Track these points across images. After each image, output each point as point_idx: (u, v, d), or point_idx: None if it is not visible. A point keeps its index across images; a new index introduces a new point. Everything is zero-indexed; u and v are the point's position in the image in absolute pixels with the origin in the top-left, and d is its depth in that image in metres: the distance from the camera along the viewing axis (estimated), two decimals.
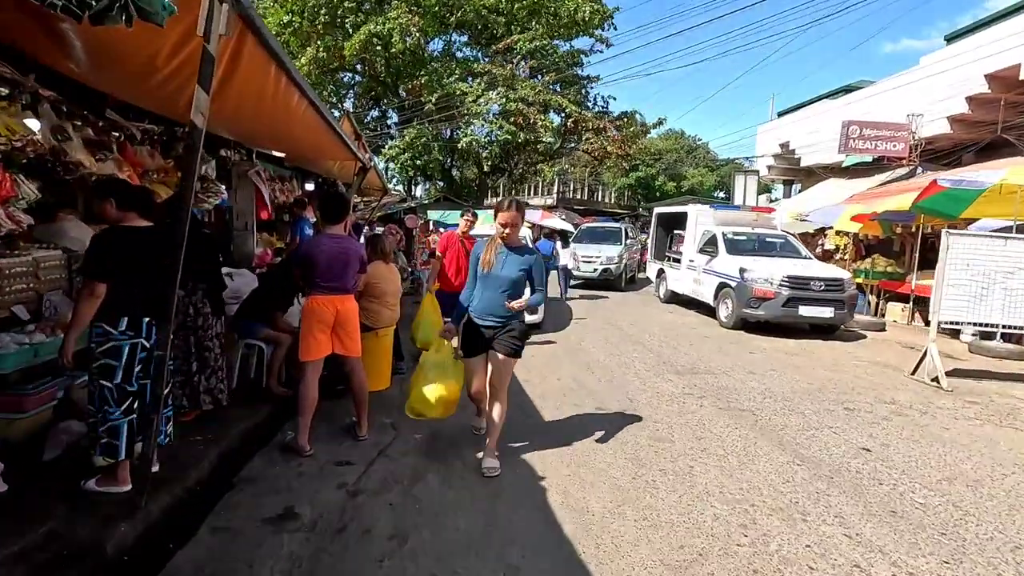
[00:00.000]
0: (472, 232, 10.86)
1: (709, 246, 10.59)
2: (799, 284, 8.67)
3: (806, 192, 20.47)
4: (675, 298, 12.35)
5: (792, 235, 11.30)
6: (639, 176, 38.31)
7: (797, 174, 23.42)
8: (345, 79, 25.96)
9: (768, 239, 10.63)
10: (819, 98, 21.85)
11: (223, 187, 5.45)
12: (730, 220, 11.14)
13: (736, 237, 10.44)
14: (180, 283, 4.05)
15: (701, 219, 11.31)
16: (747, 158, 25.92)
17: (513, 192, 37.68)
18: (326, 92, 24.49)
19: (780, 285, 8.68)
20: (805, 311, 8.57)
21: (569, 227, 24.48)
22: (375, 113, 27.09)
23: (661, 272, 12.93)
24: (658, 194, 39.41)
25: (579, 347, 7.69)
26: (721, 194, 42.82)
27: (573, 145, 27.40)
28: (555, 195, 38.58)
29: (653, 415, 4.89)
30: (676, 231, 13.57)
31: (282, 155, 6.49)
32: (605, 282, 14.72)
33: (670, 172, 40.19)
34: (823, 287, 8.66)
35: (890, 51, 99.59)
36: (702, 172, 41.19)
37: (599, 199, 42.62)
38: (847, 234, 13.80)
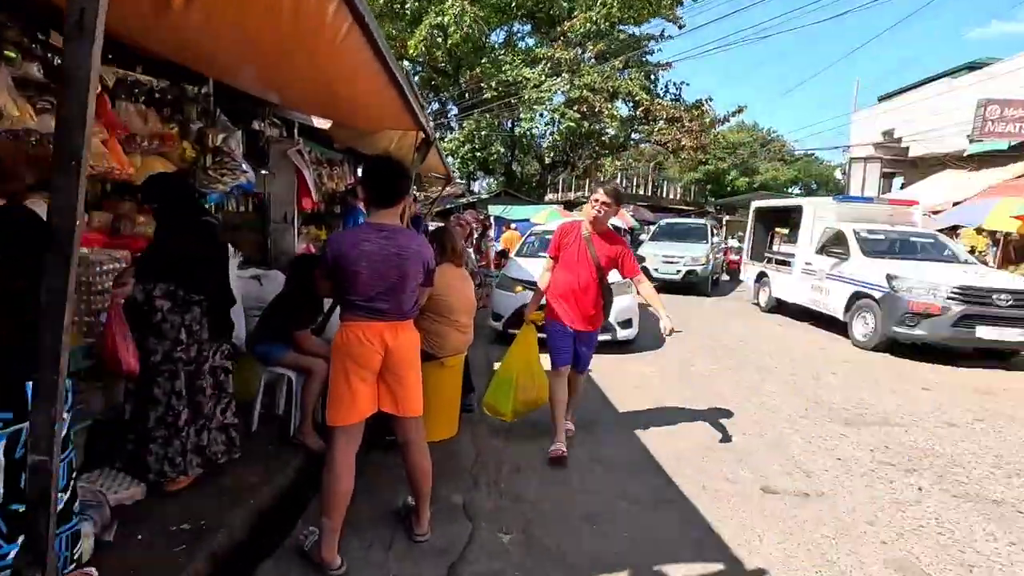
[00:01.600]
0: (541, 228, 9.30)
1: (835, 246, 8.61)
2: (976, 297, 6.64)
3: (916, 186, 17.75)
4: (780, 307, 10.39)
5: (940, 234, 9.13)
6: (708, 170, 35.70)
7: (900, 166, 20.57)
8: (405, 69, 24.96)
9: (912, 238, 8.54)
10: (932, 78, 18.97)
11: (245, 164, 4.11)
12: (859, 215, 9.10)
13: (872, 236, 8.41)
14: (171, 296, 2.55)
15: (821, 214, 9.31)
16: (839, 149, 23.12)
17: (575, 187, 35.94)
18: None
19: (949, 298, 6.67)
20: (986, 332, 6.53)
21: (635, 224, 22.60)
22: (435, 106, 25.95)
23: (762, 276, 10.96)
24: (728, 189, 36.66)
25: (690, 374, 5.99)
26: (796, 190, 39.59)
27: (640, 136, 25.43)
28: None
29: (863, 512, 3.15)
30: (777, 228, 11.56)
31: (326, 125, 5.11)
32: (688, 285, 12.84)
33: (743, 166, 37.31)
34: (1010, 302, 6.58)
35: (979, 36, 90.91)
36: (776, 166, 38.06)
37: (663, 195, 40.22)
38: (989, 233, 11.42)
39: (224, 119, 4.24)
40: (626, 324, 6.62)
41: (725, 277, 16.29)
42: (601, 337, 6.45)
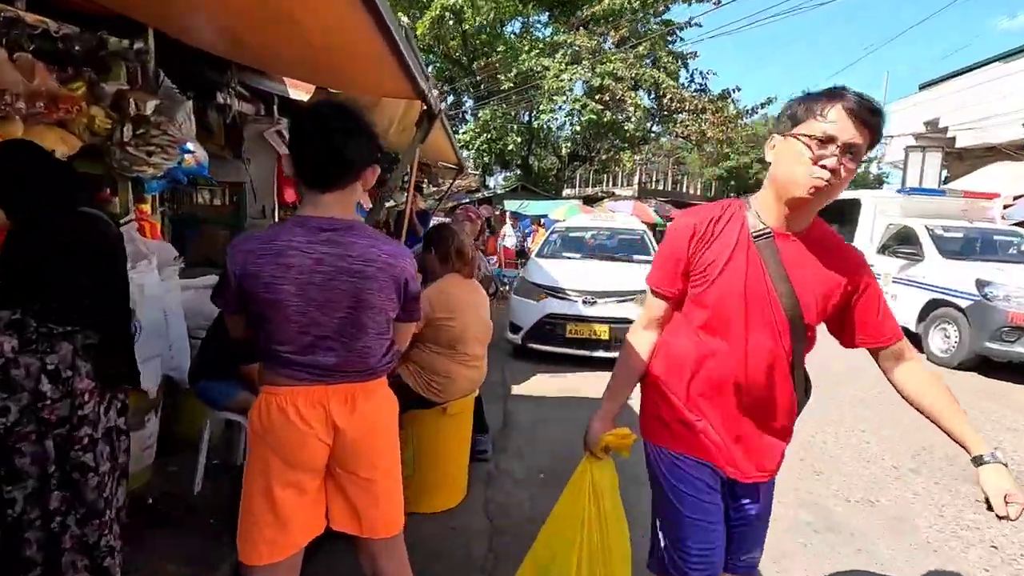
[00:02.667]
0: (563, 225, 8.23)
1: (903, 246, 7.44)
2: None
3: (964, 179, 16.33)
4: None
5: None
6: (731, 165, 34.24)
7: (945, 158, 19.10)
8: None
9: (995, 237, 7.34)
10: (982, 63, 17.50)
11: (193, 144, 3.13)
12: (928, 210, 7.90)
13: (949, 234, 7.22)
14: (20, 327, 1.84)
15: (883, 209, 8.14)
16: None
17: (592, 182, 34.76)
18: None
19: None
20: None
21: (658, 220, 21.40)
22: (451, 99, 24.94)
23: None
24: (751, 183, 35.16)
25: None
26: None
27: (662, 128, 24.18)
28: (636, 185, 35.30)
29: None
30: None
31: (305, 96, 4.10)
32: None
33: (766, 161, 35.71)
34: None
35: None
36: None
37: (683, 190, 38.88)
38: None
39: (170, 85, 3.26)
40: None
41: None
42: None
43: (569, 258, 6.62)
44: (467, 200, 21.72)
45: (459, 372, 2.57)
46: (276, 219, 4.74)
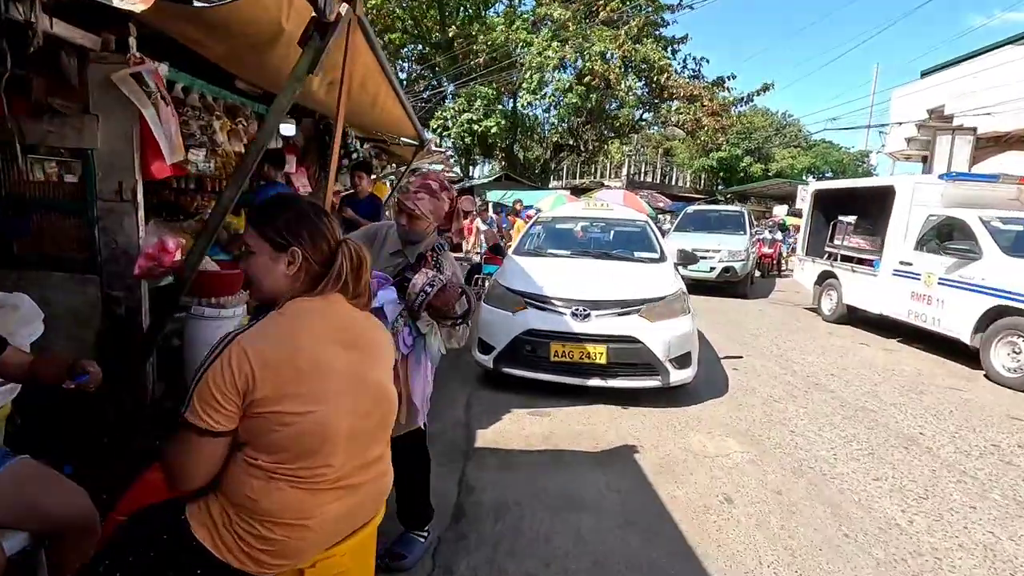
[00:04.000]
0: (548, 214, 6.84)
1: (951, 240, 6.19)
2: None
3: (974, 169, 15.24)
4: (851, 316, 7.98)
5: None
6: (721, 157, 33.06)
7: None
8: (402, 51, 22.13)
9: None
10: (991, 47, 16.37)
11: None
12: (975, 199, 6.65)
13: (1008, 227, 5.98)
14: None
15: (922, 197, 6.87)
16: (879, 129, 20.51)
17: (580, 173, 33.42)
18: None
19: None
20: None
21: (650, 211, 20.13)
22: (431, 83, 23.32)
23: (827, 277, 8.53)
24: (742, 176, 34.06)
25: (806, 460, 3.59)
26: (811, 178, 37.02)
27: (654, 116, 22.87)
28: (624, 177, 34.05)
29: None
30: (841, 217, 9.11)
31: (137, 6, 2.66)
32: (722, 286, 10.43)
33: (758, 153, 34.62)
34: None
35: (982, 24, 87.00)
36: (793, 153, 35.33)
37: (672, 182, 37.74)
38: None
39: None
40: (683, 361, 4.21)
41: (756, 273, 13.86)
42: (643, 383, 4.19)
43: (555, 256, 5.24)
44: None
45: (318, 508, 1.21)
46: (139, 203, 3.32)
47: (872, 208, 7.84)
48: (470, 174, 25.78)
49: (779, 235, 15.75)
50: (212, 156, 4.30)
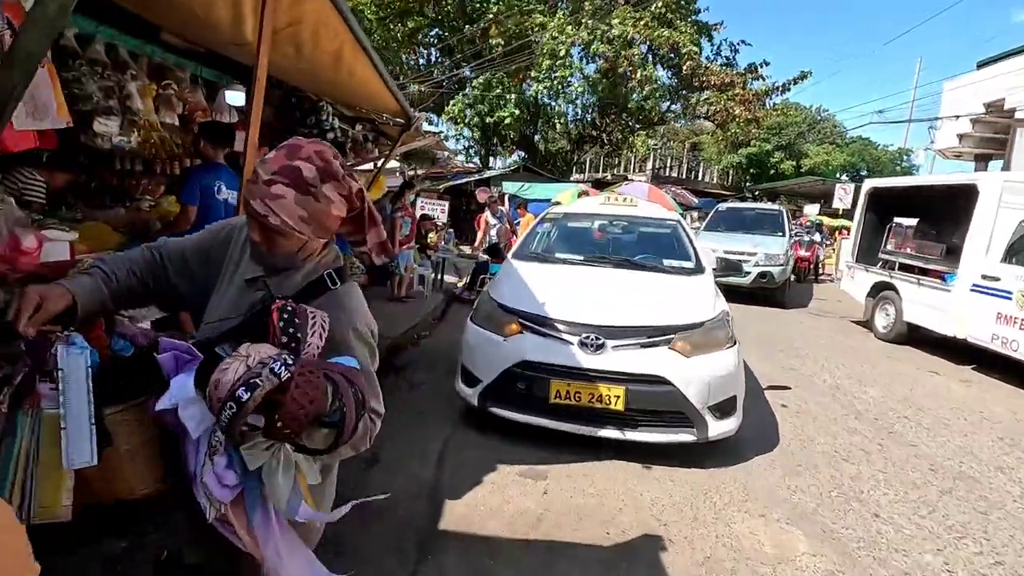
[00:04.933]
0: (560, 210, 5.77)
1: None
2: None
3: None
4: (911, 335, 6.80)
5: None
6: (751, 152, 31.42)
7: (1000, 146, 16.40)
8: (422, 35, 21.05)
9: None
10: None
11: None
12: None
13: None
14: None
15: (1012, 199, 5.66)
16: (928, 124, 18.85)
17: (602, 167, 32.18)
18: (395, 44, 19.88)
19: None
20: None
21: (677, 208, 18.85)
22: (448, 68, 22.28)
23: (883, 288, 7.33)
24: (772, 172, 32.37)
25: (885, 547, 2.54)
26: (845, 176, 35.24)
27: (681, 107, 21.54)
28: (649, 172, 32.71)
29: None
30: (899, 220, 7.89)
31: None
32: (754, 292, 9.28)
33: (789, 149, 32.83)
34: None
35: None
36: (827, 149, 33.42)
37: (698, 178, 36.25)
38: None
39: None
40: (726, 408, 3.17)
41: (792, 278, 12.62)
42: (672, 437, 3.17)
43: (564, 263, 4.20)
44: (461, 182, 19.31)
45: None
46: None
47: (941, 210, 6.63)
48: (489, 165, 24.75)
49: (817, 236, 14.41)
50: (131, 128, 3.38)
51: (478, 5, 17.54)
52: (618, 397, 3.02)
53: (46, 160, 4.04)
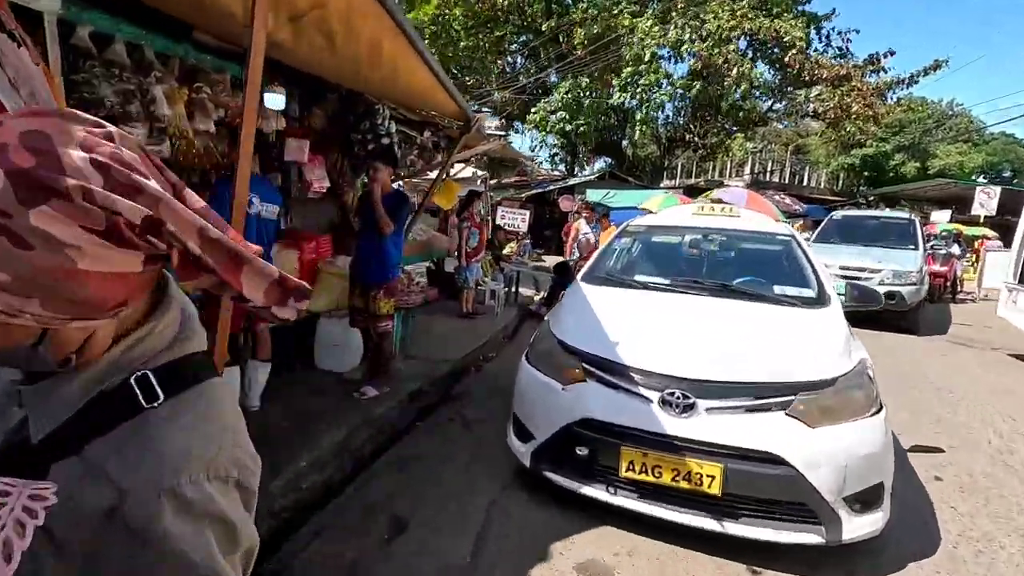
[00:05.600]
0: (643, 221, 4.92)
1: None
2: None
3: None
4: None
5: None
6: (866, 154, 28.25)
7: None
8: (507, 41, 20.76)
9: None
10: None
11: None
12: None
13: None
14: None
15: None
16: None
17: (695, 173, 30.44)
18: (480, 53, 19.76)
19: None
20: None
21: (781, 218, 17.07)
22: (533, 74, 21.81)
23: None
24: (891, 175, 28.93)
25: None
26: (983, 179, 30.86)
27: (786, 106, 19.70)
28: (747, 177, 30.42)
29: None
30: None
31: None
32: (878, 315, 7.80)
33: (913, 149, 29.17)
34: None
35: None
36: (962, 148, 29.33)
37: (802, 183, 33.30)
38: None
39: None
40: (868, 499, 2.27)
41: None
42: (790, 537, 2.30)
43: (645, 288, 3.41)
44: (546, 189, 18.72)
45: None
46: None
47: None
48: (574, 172, 24.00)
49: (955, 249, 12.30)
50: (162, 136, 3.07)
51: (564, 7, 16.92)
52: (713, 477, 2.23)
53: None
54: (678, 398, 2.32)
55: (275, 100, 3.52)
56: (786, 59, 15.48)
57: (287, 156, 4.10)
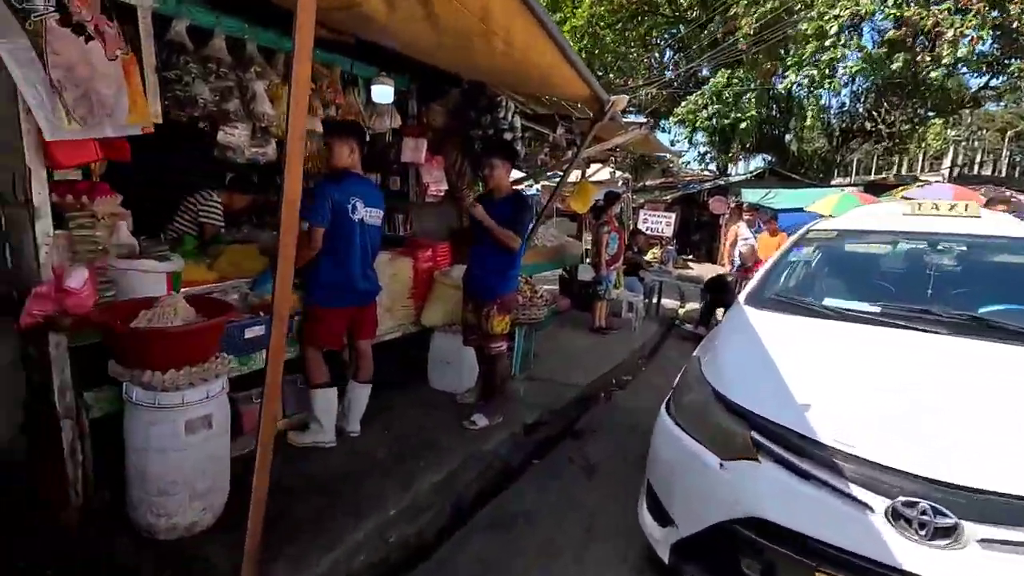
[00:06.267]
0: (832, 225, 3.72)
1: None
2: None
3: None
4: None
5: None
6: None
7: None
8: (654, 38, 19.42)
9: None
10: None
11: None
12: None
13: None
14: None
15: None
16: None
17: (875, 168, 26.23)
18: (625, 48, 18.77)
19: None
20: None
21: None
22: (685, 68, 20.15)
23: None
24: None
25: None
26: None
27: (1005, 80, 15.89)
28: (944, 170, 25.39)
29: None
30: None
31: None
32: None
33: None
34: None
35: None
36: None
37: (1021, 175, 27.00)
38: None
39: None
40: None
41: None
42: None
43: (844, 317, 2.38)
44: (692, 189, 17.14)
45: None
46: (36, 203, 1.92)
47: None
48: (727, 171, 21.81)
49: None
50: (267, 137, 2.84)
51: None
52: None
53: (229, 182, 3.89)
54: (926, 514, 1.41)
55: (383, 92, 3.16)
56: (1009, 17, 12.25)
57: (403, 157, 3.76)
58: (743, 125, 14.30)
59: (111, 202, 2.36)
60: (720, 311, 5.41)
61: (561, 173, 5.36)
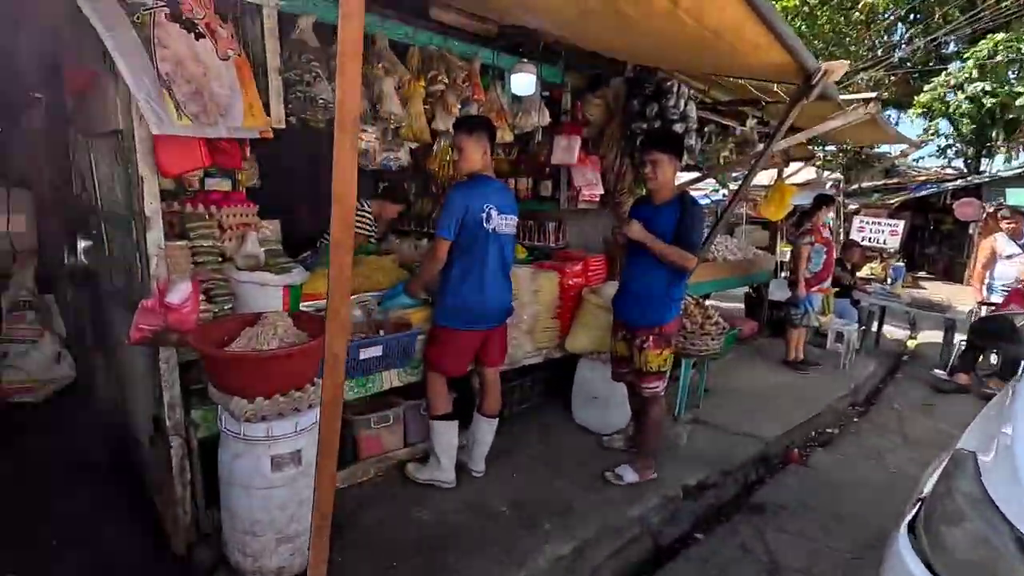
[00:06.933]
0: None
1: None
2: None
3: None
4: None
5: None
6: None
7: None
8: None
9: None
10: None
11: None
12: None
13: None
14: None
15: None
16: None
17: None
18: (844, 33, 15.99)
19: None
20: None
21: None
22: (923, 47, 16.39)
23: None
24: None
25: None
26: None
27: None
28: None
29: None
30: None
31: None
32: None
33: None
34: None
35: None
36: None
37: None
38: None
39: None
40: None
41: None
42: None
43: None
44: (936, 191, 13.75)
45: None
46: (148, 213, 1.85)
47: None
48: (980, 168, 17.21)
49: None
50: (397, 140, 2.61)
51: None
52: None
53: (381, 191, 3.83)
54: None
55: (524, 83, 2.72)
56: None
57: (553, 158, 3.29)
58: (1019, 102, 10.91)
59: (240, 212, 2.29)
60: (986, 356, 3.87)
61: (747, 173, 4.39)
